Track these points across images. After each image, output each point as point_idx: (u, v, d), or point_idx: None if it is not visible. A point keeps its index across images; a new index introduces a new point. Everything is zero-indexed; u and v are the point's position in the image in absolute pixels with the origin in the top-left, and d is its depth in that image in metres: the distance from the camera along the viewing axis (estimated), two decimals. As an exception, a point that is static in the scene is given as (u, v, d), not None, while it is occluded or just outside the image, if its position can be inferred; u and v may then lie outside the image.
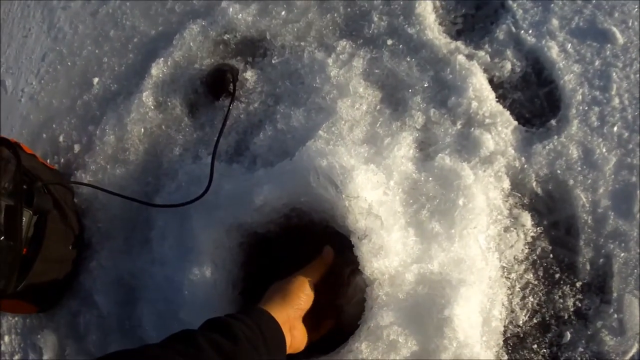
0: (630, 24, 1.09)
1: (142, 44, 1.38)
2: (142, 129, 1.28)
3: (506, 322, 1.00)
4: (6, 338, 1.40)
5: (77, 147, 1.37)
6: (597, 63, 1.09)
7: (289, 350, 0.87)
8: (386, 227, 0.91)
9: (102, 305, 1.22)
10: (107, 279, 1.24)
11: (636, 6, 1.10)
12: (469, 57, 1.12)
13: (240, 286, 1.10)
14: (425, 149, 1.07)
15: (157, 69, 1.30)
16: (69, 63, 1.49)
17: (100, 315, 1.23)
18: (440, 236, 0.97)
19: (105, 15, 1.48)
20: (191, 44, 1.28)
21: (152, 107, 1.28)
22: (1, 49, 1.66)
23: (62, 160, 1.39)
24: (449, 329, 0.90)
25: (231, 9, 1.27)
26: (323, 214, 1.01)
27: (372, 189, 0.93)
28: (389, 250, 0.89)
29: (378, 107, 1.10)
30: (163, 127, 1.26)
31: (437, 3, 1.20)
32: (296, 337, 0.89)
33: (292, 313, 0.88)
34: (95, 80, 1.41)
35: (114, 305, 1.21)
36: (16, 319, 1.40)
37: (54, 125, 1.43)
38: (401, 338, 0.90)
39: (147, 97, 1.28)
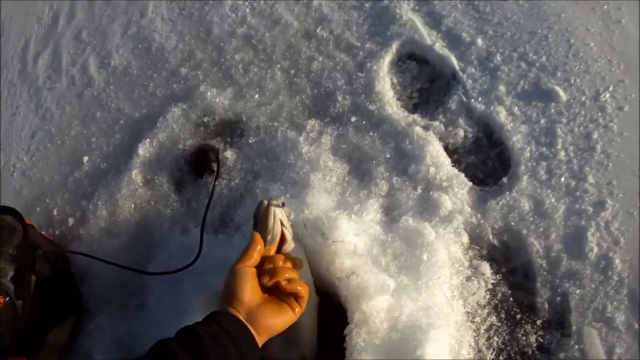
0: (572, 81, 1.33)
1: (128, 125, 1.58)
2: (133, 204, 1.46)
3: None
4: None
5: (71, 221, 1.54)
6: (542, 121, 1.31)
7: (267, 337, 0.97)
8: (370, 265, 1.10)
9: (102, 366, 1.36)
10: (106, 340, 1.39)
11: (578, 64, 1.32)
12: (425, 127, 1.33)
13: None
14: (390, 213, 1.27)
15: (144, 149, 1.49)
16: (58, 142, 1.67)
17: (101, 375, 1.37)
18: (408, 288, 1.16)
19: (91, 97, 1.68)
20: (174, 126, 1.48)
21: (141, 184, 1.47)
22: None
23: (56, 232, 1.56)
24: None
25: (209, 93, 1.48)
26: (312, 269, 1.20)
27: (354, 235, 1.13)
28: (375, 290, 1.08)
29: (346, 178, 1.31)
30: (152, 202, 1.45)
31: (395, 79, 1.42)
32: (261, 323, 0.95)
33: (241, 304, 0.96)
34: (85, 158, 1.59)
35: (114, 364, 1.36)
36: None
37: (47, 200, 1.60)
38: None
39: (135, 175, 1.46)
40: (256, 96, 1.47)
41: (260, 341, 0.94)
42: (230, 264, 1.11)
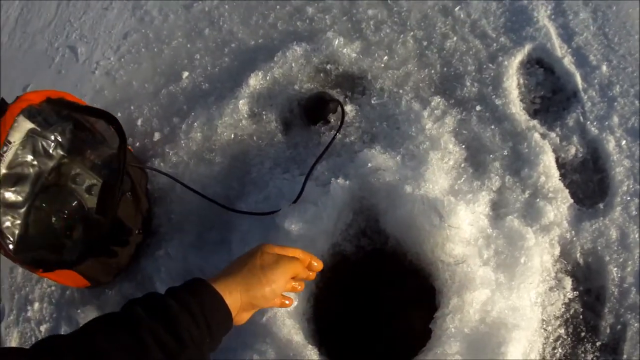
0: None
1: (240, 51, 1.61)
2: (233, 135, 1.51)
3: None
4: (36, 305, 1.56)
5: (157, 135, 1.57)
6: None
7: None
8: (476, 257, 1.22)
9: (163, 294, 1.43)
10: (174, 269, 1.45)
11: None
12: (543, 136, 1.44)
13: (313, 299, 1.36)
14: (497, 210, 1.38)
15: (256, 80, 1.53)
16: (155, 49, 1.68)
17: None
18: (502, 286, 1.27)
19: (200, 11, 1.69)
20: (293, 64, 1.53)
21: (246, 116, 1.51)
22: (76, 14, 1.81)
23: (137, 143, 1.59)
24: None
25: (336, 41, 1.53)
26: (410, 245, 1.29)
27: (469, 224, 1.24)
28: (481, 283, 1.19)
29: (462, 164, 1.40)
30: (255, 137, 1.50)
31: (521, 80, 1.50)
32: (239, 321, 0.96)
33: (248, 306, 0.94)
34: (185, 74, 1.62)
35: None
36: (53, 287, 1.58)
37: (131, 107, 1.63)
38: None
39: (243, 105, 1.51)
40: (385, 57, 1.54)
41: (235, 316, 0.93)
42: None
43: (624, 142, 1.45)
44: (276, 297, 0.99)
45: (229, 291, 0.89)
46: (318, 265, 1.10)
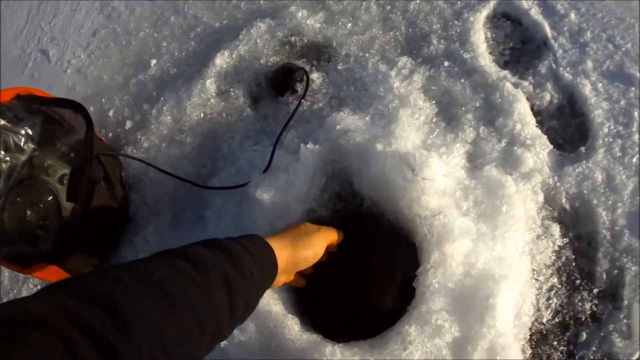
0: None
1: (206, 34, 1.50)
2: (202, 114, 1.39)
3: (533, 319, 1.16)
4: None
5: (129, 123, 1.46)
6: (622, 102, 1.30)
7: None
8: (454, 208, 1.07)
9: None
10: (152, 252, 1.32)
11: None
12: (515, 85, 1.31)
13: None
14: (474, 161, 1.24)
15: (222, 59, 1.42)
16: (123, 42, 1.58)
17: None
18: (485, 236, 1.13)
19: (166, 1, 1.58)
20: (257, 40, 1.42)
21: (214, 94, 1.40)
22: (46, 19, 1.72)
23: (110, 134, 1.48)
24: (489, 317, 1.05)
25: (299, 14, 1.42)
26: (386, 204, 1.16)
27: (444, 175, 1.10)
28: (460, 233, 1.05)
29: (434, 119, 1.27)
30: (224, 114, 1.38)
31: (489, 34, 1.39)
32: (276, 282, 0.94)
33: (291, 267, 0.95)
34: (153, 61, 1.51)
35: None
36: (38, 286, 1.46)
37: (103, 100, 1.52)
38: (447, 324, 1.05)
39: (210, 84, 1.40)
40: (349, 25, 1.41)
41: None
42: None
43: (600, 84, 1.32)
44: (315, 260, 0.99)
45: (278, 249, 0.88)
46: (340, 236, 1.10)
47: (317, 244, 0.98)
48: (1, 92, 1.26)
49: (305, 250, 0.95)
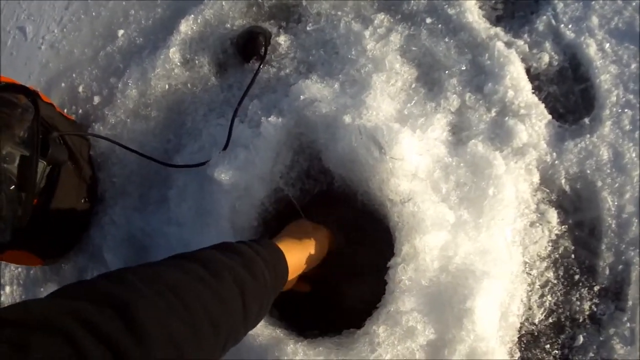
0: None
1: (172, -1, 1.23)
2: (167, 85, 1.14)
3: (523, 319, 0.90)
4: (7, 288, 1.30)
5: (96, 99, 1.23)
6: (633, 66, 0.97)
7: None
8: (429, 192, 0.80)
9: (111, 263, 1.10)
10: (118, 235, 1.12)
11: None
12: (508, 44, 0.99)
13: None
14: (458, 133, 0.95)
15: (186, 26, 1.15)
16: (93, 13, 1.33)
17: (107, 274, 1.11)
18: (467, 224, 0.86)
19: (135, -33, 1.32)
20: (223, 3, 1.14)
21: (179, 64, 1.14)
22: (24, -5, 1.49)
23: (80, 110, 1.26)
24: (468, 320, 0.80)
25: (267, -28, 1.13)
26: (357, 183, 0.90)
27: (417, 154, 0.82)
28: (432, 224, 0.79)
29: (413, 85, 0.98)
30: (189, 85, 1.13)
31: (479, -14, 1.07)
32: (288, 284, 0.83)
33: (300, 267, 0.82)
34: (120, 32, 1.26)
35: (123, 264, 1.09)
36: (19, 269, 1.30)
37: (73, 75, 1.29)
38: (420, 325, 0.81)
39: (174, 54, 1.14)
40: (320, -20, 1.12)
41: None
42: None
43: (607, 45, 0.99)
44: (320, 259, 0.87)
45: (288, 250, 0.76)
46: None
47: (322, 242, 0.86)
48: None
49: (312, 249, 0.83)
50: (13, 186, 1.10)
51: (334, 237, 0.92)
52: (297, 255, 0.80)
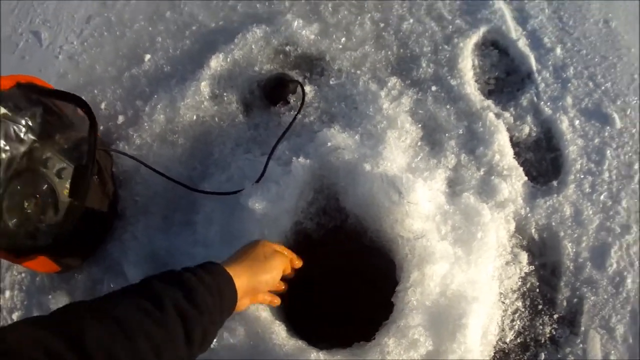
0: (628, 112, 1.31)
1: (201, 33, 1.40)
2: (195, 116, 1.31)
3: (497, 338, 1.17)
4: (7, 293, 1.34)
5: (121, 118, 1.37)
6: (596, 140, 1.28)
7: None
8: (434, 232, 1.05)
9: (132, 277, 1.22)
10: (141, 252, 1.25)
11: (636, 98, 1.28)
12: (497, 115, 1.27)
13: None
14: (454, 187, 1.21)
15: (217, 62, 1.32)
16: (117, 32, 1.47)
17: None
18: (461, 260, 1.11)
19: (162, -6, 1.45)
20: (253, 46, 1.32)
21: (208, 97, 1.32)
22: (39, -1, 1.56)
23: (101, 127, 1.38)
24: (461, 334, 1.05)
25: (295, 23, 1.33)
26: (370, 222, 1.10)
27: (427, 200, 1.07)
28: (440, 256, 1.03)
29: (419, 143, 1.23)
30: (216, 118, 1.30)
31: (476, 62, 1.33)
32: (240, 306, 0.91)
33: (252, 291, 0.91)
34: (147, 56, 1.41)
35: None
36: (23, 274, 1.36)
37: (95, 91, 1.42)
38: (422, 338, 1.04)
39: (204, 87, 1.32)
40: (343, 39, 1.35)
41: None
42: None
43: (577, 121, 1.29)
44: (274, 285, 0.97)
45: (237, 275, 0.85)
46: (298, 262, 1.06)
47: (275, 268, 0.95)
48: (1, 78, 1.16)
49: (264, 274, 0.93)
50: (48, 189, 1.21)
51: (299, 264, 1.06)
52: (248, 277, 0.88)
